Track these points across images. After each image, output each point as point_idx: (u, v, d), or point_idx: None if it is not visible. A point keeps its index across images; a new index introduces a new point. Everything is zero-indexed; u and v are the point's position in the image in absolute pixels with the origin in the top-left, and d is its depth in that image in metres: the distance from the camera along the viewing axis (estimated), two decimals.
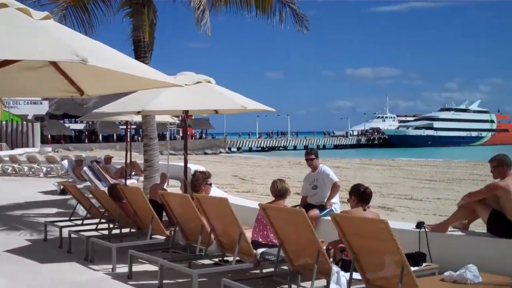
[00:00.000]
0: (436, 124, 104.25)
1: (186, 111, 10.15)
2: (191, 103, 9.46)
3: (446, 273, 5.67)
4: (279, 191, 7.32)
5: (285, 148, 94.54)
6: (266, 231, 7.09)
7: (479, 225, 8.03)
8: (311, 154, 9.37)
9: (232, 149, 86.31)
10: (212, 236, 7.36)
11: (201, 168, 18.77)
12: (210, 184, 8.43)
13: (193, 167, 20.18)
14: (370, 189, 6.78)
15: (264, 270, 6.88)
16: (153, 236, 8.66)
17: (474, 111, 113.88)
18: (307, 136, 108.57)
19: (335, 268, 5.64)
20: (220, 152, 78.60)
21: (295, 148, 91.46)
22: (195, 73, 10.02)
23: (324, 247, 6.49)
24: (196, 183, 8.30)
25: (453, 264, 5.91)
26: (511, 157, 7.54)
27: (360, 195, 6.64)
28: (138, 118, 14.55)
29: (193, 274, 6.52)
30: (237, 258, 6.96)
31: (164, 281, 6.99)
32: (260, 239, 7.10)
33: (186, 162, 10.42)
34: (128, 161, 17.43)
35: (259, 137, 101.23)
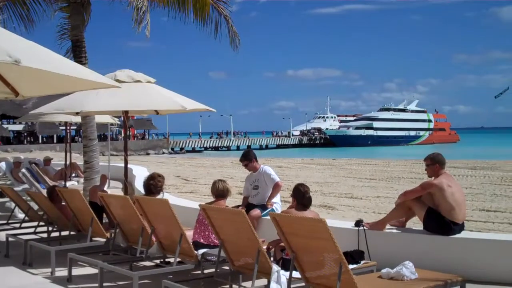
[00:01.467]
0: (376, 124, 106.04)
1: (126, 112, 10.04)
2: (131, 103, 9.37)
3: (384, 270, 5.78)
4: (220, 191, 7.36)
5: (228, 148, 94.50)
6: (208, 232, 7.10)
7: (416, 223, 8.23)
8: (244, 161, 9.36)
9: (175, 149, 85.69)
10: (153, 237, 7.31)
11: (145, 170, 18.69)
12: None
13: (135, 168, 20.05)
14: (309, 194, 6.82)
15: (206, 271, 6.88)
16: (93, 239, 8.54)
17: (412, 111, 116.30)
18: (257, 136, 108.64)
19: (275, 267, 5.70)
20: (163, 153, 77.98)
21: (238, 148, 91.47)
22: (134, 71, 9.95)
23: (265, 247, 6.55)
24: (158, 187, 8.15)
25: (391, 261, 6.06)
26: (446, 155, 7.77)
27: (300, 198, 6.71)
28: (77, 119, 14.33)
29: (134, 277, 6.46)
30: (178, 259, 6.94)
31: (105, 284, 6.90)
32: (202, 240, 7.11)
33: (126, 163, 10.30)
34: (68, 162, 17.14)
35: (210, 137, 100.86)
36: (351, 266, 5.76)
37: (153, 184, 8.07)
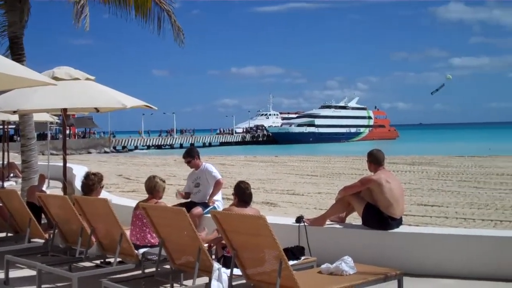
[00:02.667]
0: (317, 121, 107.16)
1: (65, 110, 9.86)
2: (69, 101, 9.21)
3: (323, 266, 5.86)
4: (149, 187, 7.34)
5: (171, 146, 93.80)
6: (143, 233, 7.07)
7: (356, 218, 8.37)
8: (187, 157, 9.36)
9: (117, 148, 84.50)
10: (93, 237, 7.22)
11: (86, 169, 18.39)
12: (102, 187, 8.22)
13: (75, 167, 19.73)
14: (250, 190, 6.87)
15: (147, 270, 6.83)
16: (31, 240, 8.37)
17: (353, 108, 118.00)
18: (205, 134, 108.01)
19: (216, 265, 5.71)
20: (105, 152, 76.81)
21: (181, 146, 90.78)
22: (74, 69, 9.79)
23: (206, 245, 6.56)
24: (92, 186, 7.99)
25: (331, 257, 6.11)
26: (386, 152, 7.93)
27: (241, 195, 6.76)
28: (15, 118, 13.99)
29: (73, 278, 6.36)
30: (119, 259, 6.87)
31: (43, 286, 6.75)
32: (138, 242, 7.05)
33: (65, 162, 10.10)
34: (5, 162, 16.72)
35: (159, 135, 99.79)
36: (291, 262, 5.82)
37: (87, 183, 7.93)
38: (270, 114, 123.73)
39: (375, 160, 7.76)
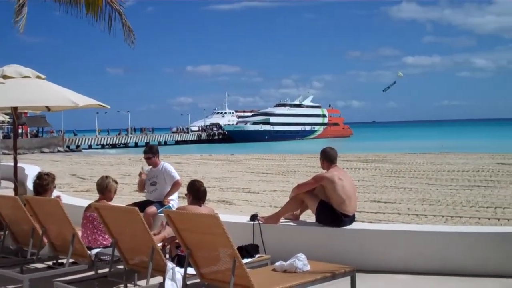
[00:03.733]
0: (273, 119, 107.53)
1: (15, 108, 9.68)
2: (19, 99, 9.03)
3: (277, 263, 5.88)
4: (100, 186, 7.27)
5: (126, 145, 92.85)
6: (95, 235, 7.00)
7: (311, 215, 8.43)
8: (148, 153, 9.31)
9: (71, 147, 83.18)
10: (45, 238, 7.11)
11: (38, 169, 18.04)
12: (55, 187, 8.08)
13: (28, 167, 19.34)
14: (204, 187, 6.88)
15: (100, 271, 6.76)
16: None
17: (308, 106, 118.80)
18: (165, 132, 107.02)
19: (170, 264, 5.69)
20: (58, 151, 75.52)
21: (136, 145, 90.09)
22: (23, 67, 9.60)
23: (160, 244, 6.52)
24: (46, 186, 7.82)
25: (285, 254, 6.15)
26: (340, 149, 8.02)
27: (195, 192, 6.76)
28: None
29: (24, 279, 6.26)
30: (71, 260, 6.78)
31: None
32: (90, 245, 6.96)
33: (16, 162, 9.94)
34: None
35: (119, 134, 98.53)
36: (245, 260, 5.85)
37: (41, 183, 7.78)
38: (226, 113, 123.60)
39: (328, 158, 7.84)
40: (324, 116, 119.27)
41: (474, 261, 7.10)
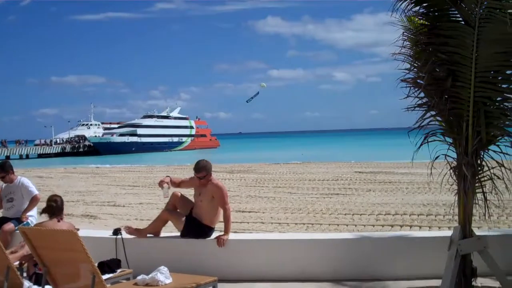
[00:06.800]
0: (140, 131, 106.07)
1: None
2: None
3: (139, 277, 5.88)
4: None
5: None
6: None
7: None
8: (1, 173, 8.92)
9: None
10: None
11: None
12: None
13: None
14: (60, 201, 6.62)
15: None
16: None
17: (175, 118, 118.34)
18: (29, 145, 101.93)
19: (26, 283, 5.55)
20: None
21: None
22: None
23: (17, 262, 6.32)
24: None
25: (148, 268, 6.16)
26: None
27: (51, 208, 6.55)
28: None
29: None
30: None
31: None
32: None
33: None
34: None
35: None
36: (106, 276, 5.82)
37: None
38: (91, 124, 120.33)
39: (210, 171, 7.94)
40: (191, 127, 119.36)
41: (330, 266, 7.49)
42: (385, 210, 16.48)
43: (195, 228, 7.69)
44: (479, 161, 5.95)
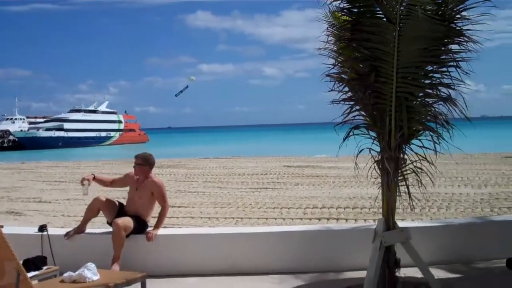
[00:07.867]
0: (67, 125, 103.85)
1: None
2: None
3: (66, 274, 5.77)
4: None
5: None
6: None
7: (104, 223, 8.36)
8: None
9: None
10: None
11: None
12: None
13: None
14: None
15: None
16: None
17: (103, 112, 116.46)
18: None
19: None
20: None
21: None
22: None
23: None
24: None
25: (76, 264, 6.05)
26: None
27: None
28: None
29: None
30: None
31: None
32: None
33: None
34: None
35: None
36: (32, 273, 5.71)
37: None
38: (16, 119, 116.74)
39: (147, 166, 7.84)
40: (120, 122, 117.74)
41: (259, 259, 7.60)
42: (312, 204, 16.78)
43: (140, 224, 7.64)
44: (401, 155, 6.13)
